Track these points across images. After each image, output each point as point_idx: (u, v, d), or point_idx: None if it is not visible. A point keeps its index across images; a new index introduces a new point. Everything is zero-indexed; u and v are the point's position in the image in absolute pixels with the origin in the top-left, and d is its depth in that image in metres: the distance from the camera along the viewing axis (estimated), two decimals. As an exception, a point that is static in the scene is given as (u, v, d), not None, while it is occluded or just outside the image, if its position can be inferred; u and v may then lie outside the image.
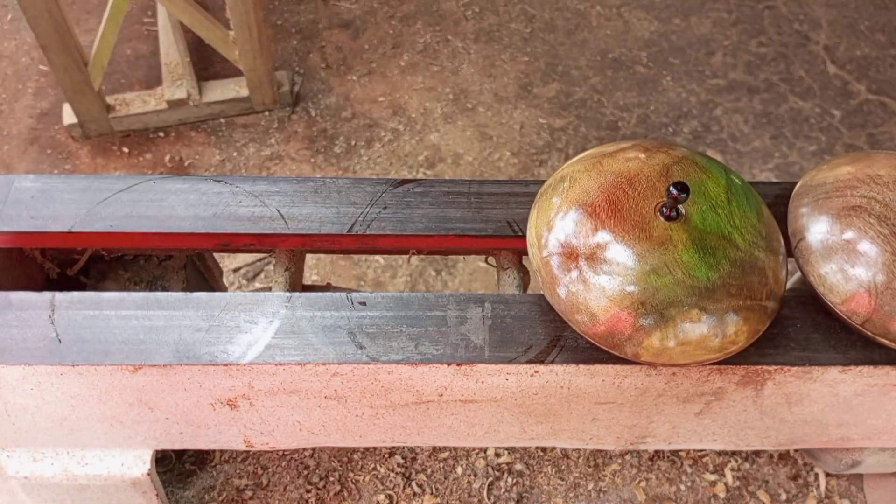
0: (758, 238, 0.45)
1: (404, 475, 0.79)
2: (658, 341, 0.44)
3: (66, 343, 0.49)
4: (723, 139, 1.80)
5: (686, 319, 0.43)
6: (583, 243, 0.44)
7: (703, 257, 0.43)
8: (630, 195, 0.45)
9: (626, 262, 0.43)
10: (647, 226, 0.44)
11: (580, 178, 0.46)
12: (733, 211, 0.45)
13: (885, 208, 0.50)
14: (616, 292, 0.43)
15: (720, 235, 0.44)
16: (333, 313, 0.50)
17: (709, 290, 0.43)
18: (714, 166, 0.48)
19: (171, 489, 0.76)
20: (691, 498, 0.80)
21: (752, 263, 0.44)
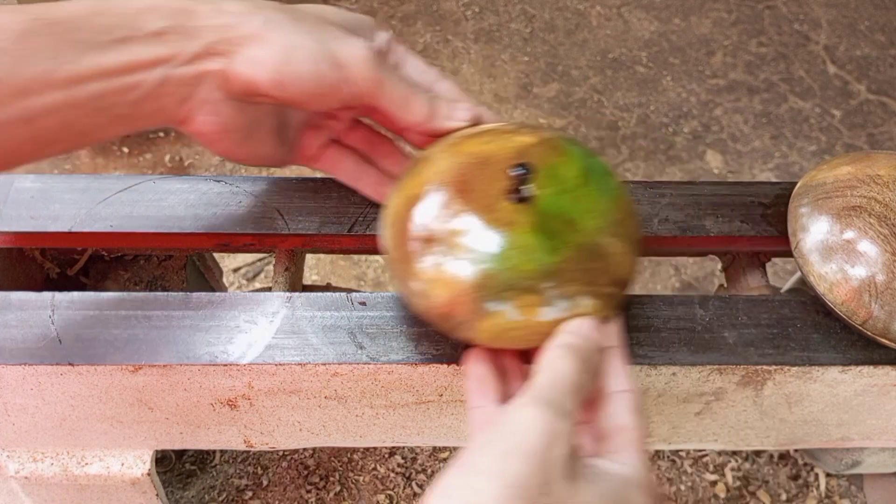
0: (605, 224, 0.44)
1: (404, 475, 0.79)
2: (493, 325, 0.43)
3: (66, 343, 0.49)
4: (723, 139, 1.80)
5: (522, 304, 0.42)
6: (427, 223, 0.44)
7: (544, 241, 0.43)
8: (481, 177, 0.44)
9: (468, 243, 0.43)
10: (493, 208, 0.43)
11: (438, 158, 0.46)
12: (583, 196, 0.45)
13: (885, 208, 0.50)
14: (453, 274, 0.43)
15: (565, 220, 0.44)
16: (333, 313, 0.50)
17: (547, 275, 0.42)
18: (575, 150, 0.47)
19: (171, 489, 0.76)
20: (691, 498, 0.80)
21: (595, 249, 0.44)
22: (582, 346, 0.40)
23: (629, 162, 1.73)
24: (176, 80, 0.42)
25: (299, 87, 0.43)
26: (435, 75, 0.52)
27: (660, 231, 0.56)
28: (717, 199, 0.58)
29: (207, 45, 0.42)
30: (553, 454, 0.34)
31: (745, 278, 0.61)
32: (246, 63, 0.42)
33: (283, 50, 0.42)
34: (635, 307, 0.52)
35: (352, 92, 0.45)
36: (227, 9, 0.43)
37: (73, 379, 0.49)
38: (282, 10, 0.44)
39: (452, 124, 0.48)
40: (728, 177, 1.71)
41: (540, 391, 0.37)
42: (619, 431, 0.40)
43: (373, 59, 0.44)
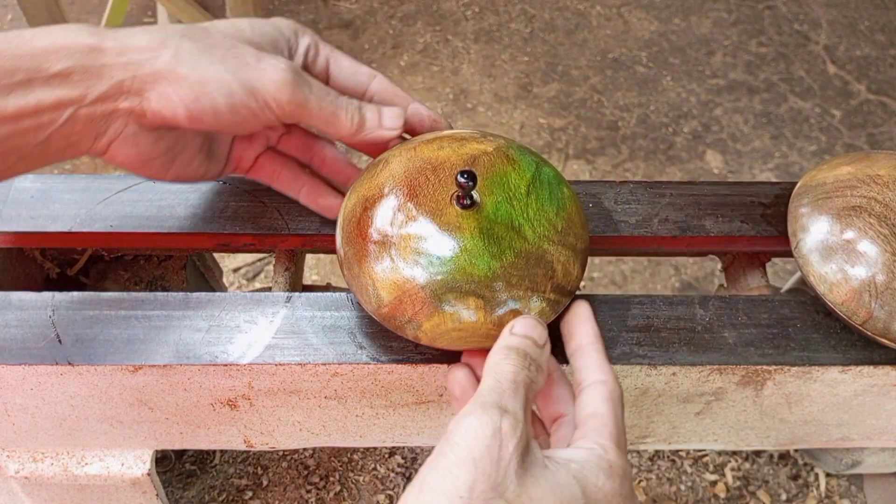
0: (551, 232, 0.45)
1: (404, 475, 0.79)
2: (435, 325, 0.44)
3: (66, 343, 0.49)
4: (723, 139, 1.80)
5: (464, 306, 0.43)
6: (377, 226, 0.44)
7: (487, 246, 0.44)
8: (431, 181, 0.45)
9: (414, 245, 0.44)
10: (441, 212, 0.44)
11: (392, 161, 0.47)
12: (530, 204, 0.45)
13: (885, 208, 0.50)
14: (401, 275, 0.44)
15: (510, 226, 0.44)
16: (333, 313, 0.50)
17: (488, 279, 0.43)
18: (526, 160, 0.48)
19: (171, 489, 0.76)
20: (691, 498, 0.80)
21: (538, 256, 0.44)
22: (523, 345, 0.41)
23: (629, 162, 1.73)
24: (85, 119, 0.41)
25: (216, 119, 0.42)
26: (367, 74, 0.50)
27: (660, 231, 0.56)
28: (717, 199, 0.58)
29: (116, 84, 0.41)
30: (501, 454, 0.35)
31: (745, 278, 0.61)
32: (158, 101, 0.41)
33: (194, 85, 0.41)
34: (635, 307, 0.52)
35: (273, 117, 0.44)
36: (135, 45, 0.41)
37: (73, 379, 0.49)
38: (192, 37, 0.42)
39: (384, 133, 0.47)
40: (728, 177, 1.71)
41: (483, 396, 0.37)
42: (591, 418, 0.40)
43: (291, 82, 0.43)
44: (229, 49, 0.42)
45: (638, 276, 1.55)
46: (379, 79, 0.50)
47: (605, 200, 0.57)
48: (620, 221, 0.56)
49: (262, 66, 0.42)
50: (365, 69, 0.50)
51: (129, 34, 0.42)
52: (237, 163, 0.52)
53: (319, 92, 0.44)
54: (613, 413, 0.40)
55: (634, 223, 0.56)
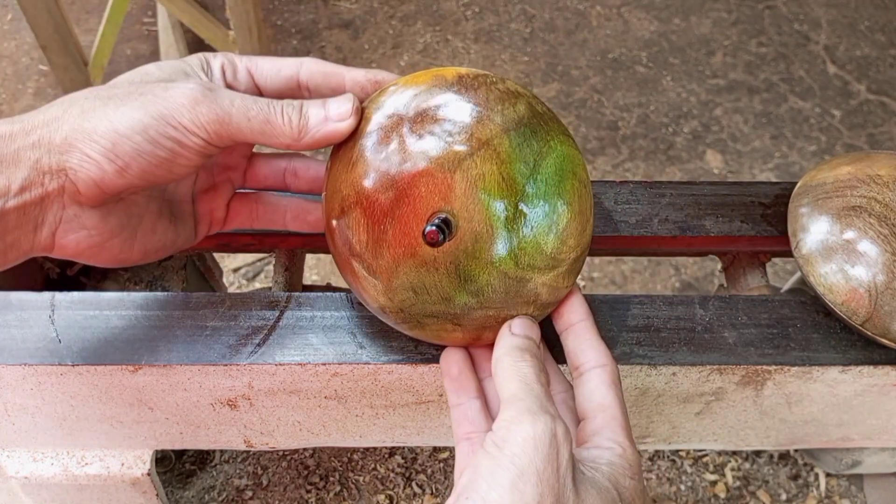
0: (538, 260, 0.41)
1: (404, 475, 0.79)
2: (419, 334, 0.45)
3: (66, 343, 0.49)
4: (723, 139, 1.80)
5: (442, 328, 0.43)
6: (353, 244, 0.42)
7: (463, 284, 0.41)
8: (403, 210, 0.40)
9: (388, 275, 0.41)
10: (412, 246, 0.40)
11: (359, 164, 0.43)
12: (516, 230, 0.40)
13: (885, 208, 0.50)
14: (380, 296, 0.43)
15: (488, 262, 0.40)
16: (333, 313, 0.50)
17: (465, 310, 0.42)
18: (520, 159, 0.40)
19: (171, 489, 0.76)
20: (691, 498, 0.80)
21: (520, 285, 0.41)
22: (528, 345, 0.41)
23: (629, 162, 1.73)
24: (16, 213, 0.38)
25: (143, 160, 0.39)
26: (292, 66, 0.45)
27: (660, 231, 0.56)
28: (717, 199, 0.58)
29: (34, 166, 0.38)
30: (559, 463, 0.35)
31: (745, 278, 0.61)
32: (80, 167, 0.38)
33: (106, 134, 0.38)
34: (635, 307, 0.52)
35: (202, 142, 0.40)
36: (40, 120, 0.39)
37: (73, 379, 0.49)
38: (96, 94, 0.40)
39: (336, 127, 0.42)
40: (728, 177, 1.71)
41: (524, 400, 0.37)
42: (599, 411, 0.40)
43: (203, 98, 0.39)
44: (134, 91, 0.40)
45: (638, 276, 1.55)
46: (306, 63, 0.45)
47: (605, 200, 0.57)
48: (620, 221, 0.56)
49: (170, 92, 0.39)
50: (289, 61, 0.46)
51: (35, 113, 0.39)
52: (209, 217, 0.48)
53: (243, 102, 0.40)
54: (620, 402, 0.40)
55: (634, 223, 0.56)
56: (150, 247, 0.45)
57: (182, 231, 0.47)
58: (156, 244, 0.45)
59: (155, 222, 0.45)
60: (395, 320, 0.44)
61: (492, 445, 0.36)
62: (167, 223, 0.46)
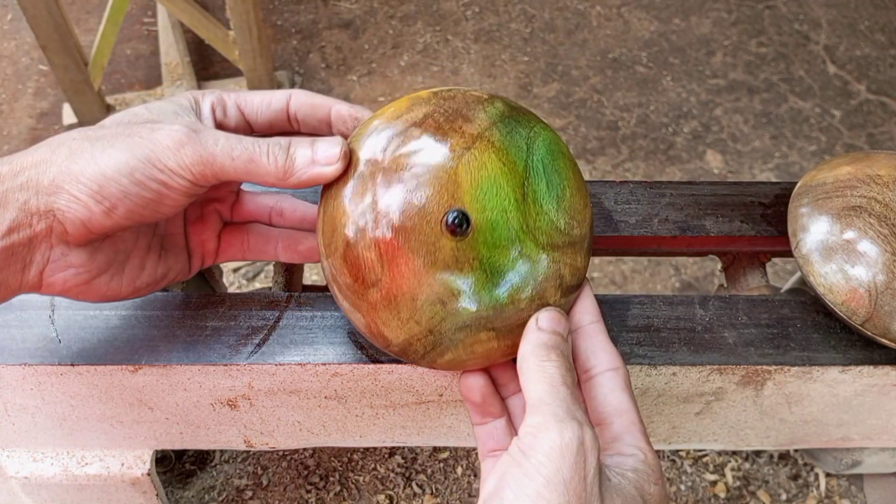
0: (555, 235, 0.41)
1: (404, 475, 0.79)
2: (451, 360, 0.43)
3: (66, 343, 0.49)
4: (723, 139, 1.80)
5: (476, 340, 0.42)
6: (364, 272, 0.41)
7: (490, 279, 0.40)
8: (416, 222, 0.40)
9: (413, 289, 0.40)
10: (435, 248, 0.40)
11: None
12: (528, 209, 0.41)
13: (885, 208, 0.50)
14: (405, 322, 0.41)
15: (511, 246, 0.40)
16: (333, 313, 0.50)
17: (496, 311, 0.41)
18: (514, 141, 0.41)
19: (171, 489, 0.76)
20: (691, 498, 0.80)
21: (545, 268, 0.41)
22: (556, 342, 0.40)
23: (629, 162, 1.74)
24: (4, 254, 0.38)
25: (130, 201, 0.39)
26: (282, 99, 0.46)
27: (660, 231, 0.56)
28: (717, 199, 0.58)
29: (22, 207, 0.38)
30: (586, 471, 0.34)
31: (745, 278, 0.61)
32: (68, 208, 0.39)
33: (94, 177, 0.38)
34: (635, 307, 0.52)
35: (188, 183, 0.40)
36: (28, 161, 0.39)
37: (73, 379, 0.49)
38: (83, 136, 0.40)
39: (321, 171, 0.41)
40: (728, 177, 1.71)
41: (550, 405, 0.36)
42: (616, 416, 0.39)
43: (188, 140, 0.39)
44: (121, 133, 0.40)
45: (638, 276, 1.55)
46: (295, 95, 0.46)
47: (605, 200, 0.57)
48: (620, 221, 0.56)
49: (156, 134, 0.40)
50: (278, 94, 0.46)
51: (23, 154, 0.39)
52: (201, 250, 0.48)
53: (228, 142, 0.40)
54: (635, 406, 0.40)
55: (634, 223, 0.56)
56: (139, 283, 0.45)
57: (174, 264, 0.47)
58: (145, 279, 0.45)
59: (144, 258, 0.45)
60: (424, 347, 0.42)
61: (518, 452, 0.35)
62: (156, 258, 0.46)
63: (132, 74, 1.86)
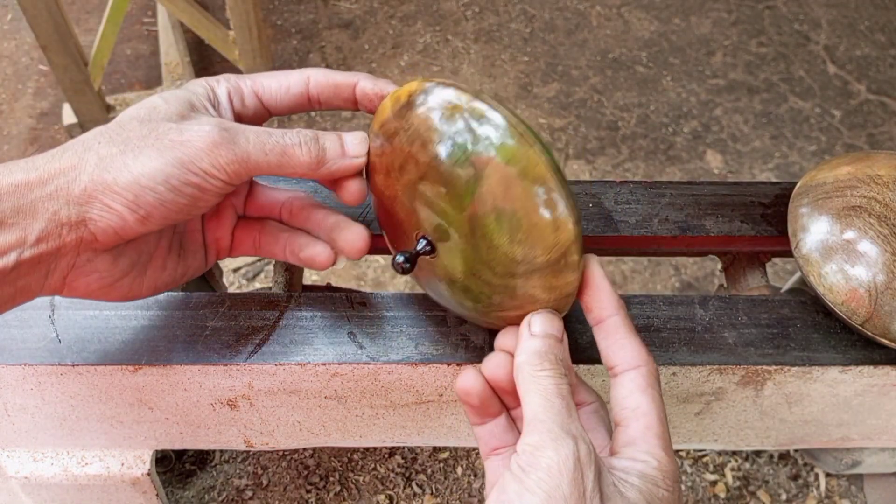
0: (513, 267, 0.40)
1: (404, 475, 0.79)
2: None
3: (66, 343, 0.49)
4: (723, 139, 1.80)
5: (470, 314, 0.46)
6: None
7: (464, 292, 0.43)
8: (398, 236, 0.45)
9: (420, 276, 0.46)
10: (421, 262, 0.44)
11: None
12: (477, 243, 0.40)
13: (885, 208, 0.50)
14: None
15: (470, 274, 0.41)
16: (333, 313, 0.50)
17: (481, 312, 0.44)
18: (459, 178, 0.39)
19: (171, 489, 0.76)
20: (691, 498, 0.80)
21: (513, 293, 0.41)
22: (549, 347, 0.39)
23: (629, 162, 1.74)
24: (31, 263, 0.38)
25: (166, 209, 0.39)
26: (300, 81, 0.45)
27: (660, 231, 0.56)
28: (717, 199, 0.58)
29: (52, 217, 0.38)
30: (585, 486, 0.35)
31: (745, 278, 0.61)
32: (101, 218, 0.38)
33: (128, 187, 0.38)
34: (635, 307, 0.52)
35: (222, 183, 0.40)
36: (57, 168, 0.38)
37: (73, 379, 0.49)
38: (109, 139, 0.39)
39: (350, 163, 0.43)
40: (728, 177, 1.71)
41: (545, 422, 0.37)
42: (633, 419, 0.39)
43: (221, 141, 0.39)
44: (148, 135, 0.39)
45: (638, 276, 1.55)
46: (314, 76, 0.45)
47: (605, 200, 0.57)
48: (620, 221, 0.56)
49: (186, 136, 0.39)
50: (294, 75, 0.45)
51: (50, 158, 0.39)
52: (216, 246, 0.48)
53: (258, 138, 0.41)
54: (656, 407, 0.39)
55: (634, 223, 0.56)
56: (159, 282, 0.45)
57: (192, 262, 0.47)
58: (165, 279, 0.45)
59: (165, 258, 0.45)
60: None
61: (517, 469, 0.36)
62: (176, 258, 0.46)
63: (132, 74, 1.86)
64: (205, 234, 0.48)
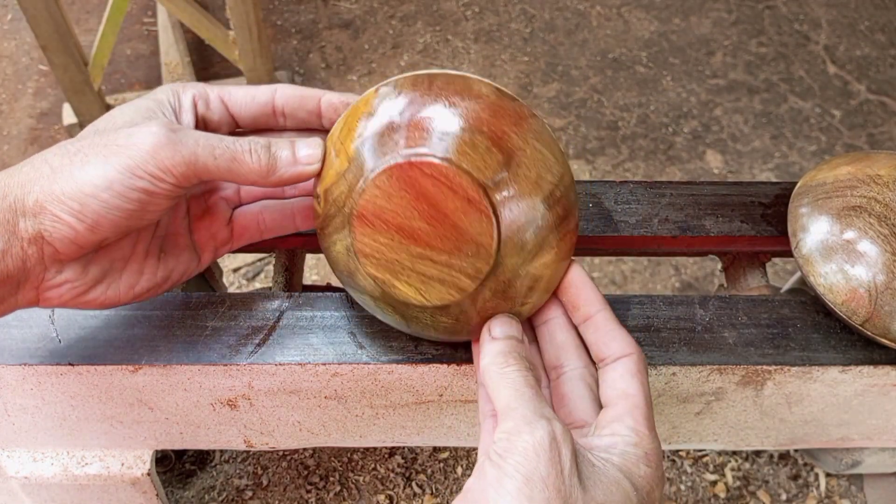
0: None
1: (404, 475, 0.79)
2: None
3: (66, 343, 0.49)
4: (723, 139, 1.80)
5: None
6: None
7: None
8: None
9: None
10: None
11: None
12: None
13: (885, 208, 0.50)
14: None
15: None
16: (333, 313, 0.50)
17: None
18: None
19: (171, 489, 0.76)
20: (691, 498, 0.80)
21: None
22: (512, 347, 0.41)
23: (629, 162, 1.74)
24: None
25: (113, 214, 0.39)
26: (266, 92, 0.45)
27: (660, 231, 0.56)
28: (717, 199, 0.58)
29: (12, 231, 0.38)
30: (562, 464, 0.35)
31: (745, 278, 0.61)
32: (54, 228, 0.38)
33: (73, 196, 0.38)
34: (635, 307, 0.52)
35: (171, 186, 0.40)
36: (15, 181, 0.39)
37: (73, 379, 0.49)
38: (63, 151, 0.40)
39: (302, 170, 0.42)
40: (728, 177, 1.71)
41: (517, 409, 0.37)
42: (620, 399, 0.40)
43: (166, 142, 0.39)
44: (99, 143, 0.39)
45: (638, 276, 1.55)
46: (280, 89, 0.45)
47: (605, 200, 0.57)
48: (620, 221, 0.56)
49: (133, 140, 0.39)
50: (263, 88, 0.46)
51: (12, 172, 0.39)
52: (213, 242, 0.48)
53: (208, 141, 0.40)
54: (643, 391, 0.40)
55: (634, 223, 0.56)
56: (138, 288, 0.44)
57: (177, 265, 0.46)
58: (145, 284, 0.45)
59: (142, 263, 0.44)
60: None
61: (495, 455, 0.36)
62: (155, 262, 0.45)
63: (132, 74, 1.86)
64: (193, 234, 0.47)
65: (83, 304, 0.43)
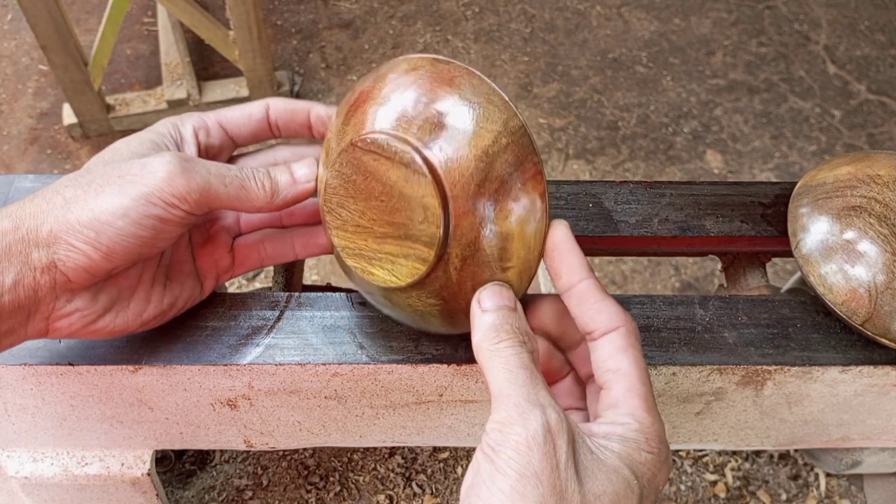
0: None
1: (404, 475, 0.79)
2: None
3: (66, 343, 0.49)
4: (723, 139, 1.80)
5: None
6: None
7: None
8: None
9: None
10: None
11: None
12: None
13: (885, 208, 0.50)
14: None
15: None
16: (333, 313, 0.50)
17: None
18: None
19: (171, 489, 0.76)
20: (691, 498, 0.80)
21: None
22: (503, 318, 0.39)
23: (629, 162, 1.74)
24: (10, 308, 0.39)
25: (129, 243, 0.40)
26: (259, 109, 0.47)
27: (660, 231, 0.56)
28: (717, 199, 0.58)
29: (23, 261, 0.39)
30: (557, 457, 0.34)
31: (745, 278, 0.61)
32: (68, 258, 0.39)
33: (89, 225, 0.39)
34: (635, 307, 0.52)
35: (184, 214, 0.41)
36: (27, 213, 0.39)
37: (73, 379, 0.49)
38: (75, 183, 0.41)
39: (300, 189, 0.44)
40: (728, 177, 1.71)
41: (510, 396, 0.36)
42: (614, 381, 0.38)
43: (181, 171, 0.40)
44: (111, 174, 0.41)
45: (638, 276, 1.55)
46: (272, 104, 0.47)
47: (605, 200, 0.57)
48: (620, 221, 0.56)
49: (147, 169, 0.40)
50: (255, 105, 0.48)
51: (23, 203, 0.40)
52: (215, 270, 0.49)
53: (218, 170, 0.42)
54: (637, 367, 0.38)
55: (634, 223, 0.56)
56: (146, 315, 0.45)
57: (181, 292, 0.47)
58: (152, 312, 0.46)
59: (149, 291, 0.45)
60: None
61: (488, 448, 0.35)
62: (161, 290, 0.46)
63: (132, 74, 1.86)
64: (196, 261, 0.48)
65: (93, 332, 0.43)
